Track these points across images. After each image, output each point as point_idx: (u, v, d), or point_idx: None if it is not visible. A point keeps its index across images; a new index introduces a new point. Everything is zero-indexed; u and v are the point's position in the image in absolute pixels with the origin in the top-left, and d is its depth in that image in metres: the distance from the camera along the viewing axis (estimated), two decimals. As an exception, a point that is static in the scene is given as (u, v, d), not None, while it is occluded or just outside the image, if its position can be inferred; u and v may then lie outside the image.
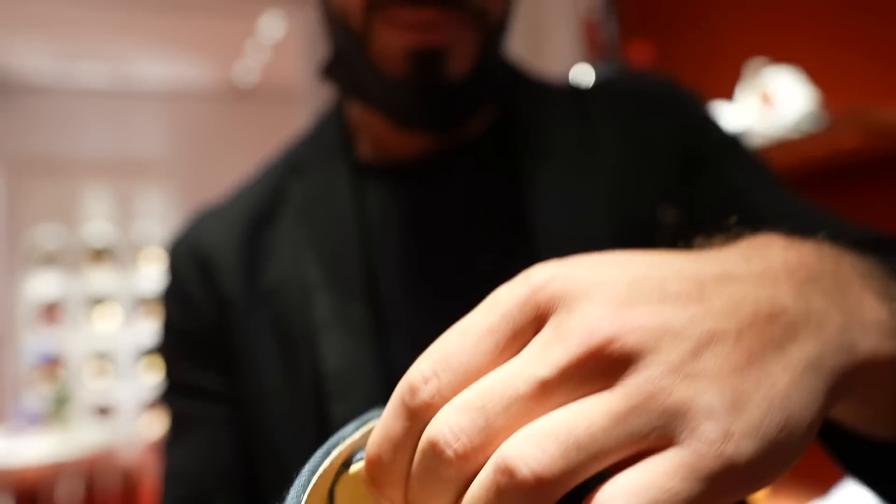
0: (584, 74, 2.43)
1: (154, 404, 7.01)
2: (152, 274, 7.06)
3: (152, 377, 6.98)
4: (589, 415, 0.24)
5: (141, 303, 7.13)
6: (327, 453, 0.39)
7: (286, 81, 7.01)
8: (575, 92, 0.84)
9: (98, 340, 7.04)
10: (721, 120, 0.80)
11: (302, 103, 5.71)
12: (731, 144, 0.78)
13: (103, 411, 6.93)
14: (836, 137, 1.63)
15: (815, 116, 1.74)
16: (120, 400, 6.99)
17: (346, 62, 0.72)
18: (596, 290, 0.26)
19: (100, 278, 7.06)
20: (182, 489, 0.76)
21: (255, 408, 0.73)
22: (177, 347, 0.79)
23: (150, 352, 7.08)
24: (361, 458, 0.39)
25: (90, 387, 6.87)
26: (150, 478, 6.93)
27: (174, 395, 0.79)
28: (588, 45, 2.74)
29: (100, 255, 7.10)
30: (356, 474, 0.41)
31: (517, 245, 0.72)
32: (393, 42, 0.65)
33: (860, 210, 1.83)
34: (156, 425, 6.96)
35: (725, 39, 2.30)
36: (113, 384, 7.00)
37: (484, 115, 0.77)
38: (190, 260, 0.77)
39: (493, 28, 0.69)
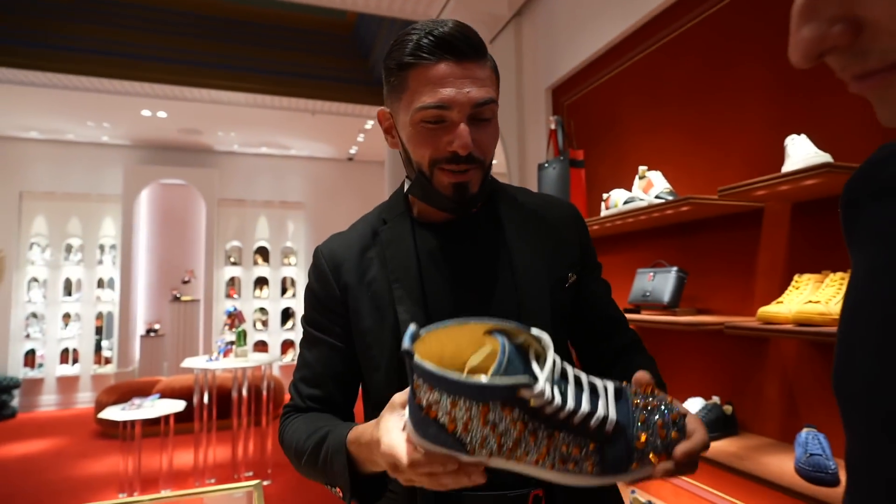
0: (548, 165, 2.61)
1: (287, 345, 7.28)
2: (291, 268, 7.33)
3: (287, 329, 7.25)
4: None
5: (284, 284, 7.38)
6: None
7: (375, 155, 7.26)
8: (522, 192, 0.92)
9: (260, 304, 7.27)
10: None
11: (383, 168, 6.03)
12: (596, 258, 0.92)
13: (261, 345, 7.18)
14: (679, 206, 1.75)
15: (670, 195, 1.86)
16: (270, 340, 7.25)
17: (420, 186, 0.79)
18: None
19: (261, 269, 7.27)
20: (306, 371, 0.84)
21: (361, 340, 0.81)
22: (314, 302, 0.85)
23: (288, 313, 7.34)
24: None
25: (255, 332, 7.16)
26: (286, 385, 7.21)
27: (310, 325, 0.86)
28: (551, 147, 2.85)
29: (262, 255, 7.37)
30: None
31: (499, 271, 0.81)
32: (444, 179, 0.75)
33: (688, 243, 2.02)
34: (288, 356, 7.20)
35: (627, 153, 2.39)
36: (267, 331, 7.26)
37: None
38: (329, 259, 0.84)
39: (488, 168, 0.79)
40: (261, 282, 7.29)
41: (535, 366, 0.52)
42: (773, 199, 1.60)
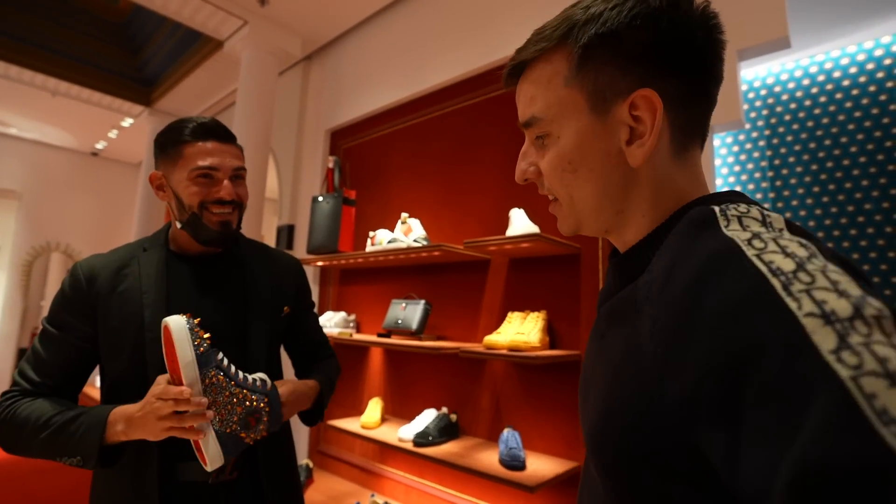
0: (322, 199, 2.60)
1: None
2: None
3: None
4: None
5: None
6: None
7: (129, 156, 6.13)
8: (260, 244, 1.14)
9: None
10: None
11: (137, 170, 5.02)
12: (310, 298, 1.20)
13: None
14: (432, 251, 1.92)
15: (425, 241, 2.03)
16: None
17: (192, 223, 0.96)
18: None
19: None
20: (39, 361, 0.91)
21: (108, 334, 0.92)
22: (64, 305, 0.93)
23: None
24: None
25: None
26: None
27: (51, 324, 0.93)
28: (327, 183, 2.87)
29: None
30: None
31: (234, 297, 1.02)
32: (213, 218, 0.96)
33: (433, 281, 2.26)
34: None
35: (392, 199, 2.53)
36: None
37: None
38: (86, 272, 0.94)
39: (243, 209, 1.01)
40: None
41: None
42: (498, 254, 1.92)
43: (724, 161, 2.17)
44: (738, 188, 2.09)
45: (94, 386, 5.69)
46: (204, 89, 3.96)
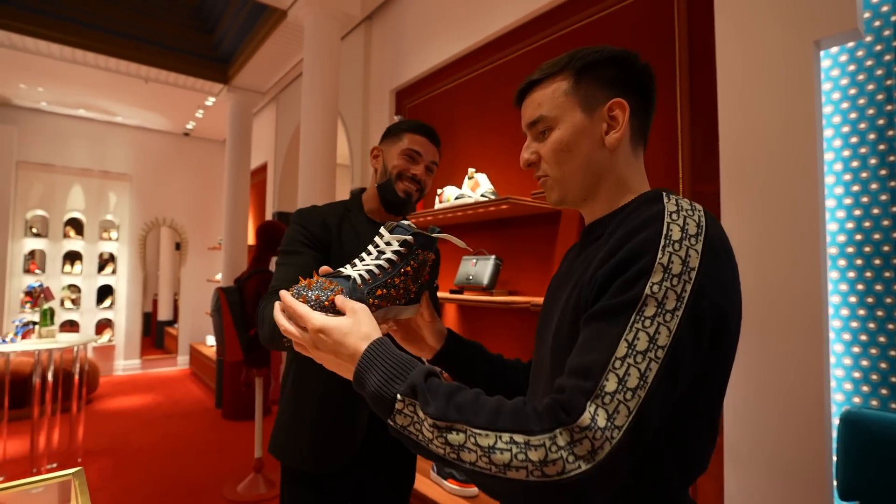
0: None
1: (103, 325, 6.18)
2: (111, 243, 6.21)
3: (104, 308, 6.15)
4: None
5: (102, 260, 6.19)
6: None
7: (215, 133, 6.51)
8: None
9: (69, 281, 5.94)
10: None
11: (223, 147, 5.12)
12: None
13: (70, 325, 5.88)
14: (500, 204, 1.87)
15: (493, 195, 1.98)
16: (83, 320, 5.98)
17: (388, 185, 1.21)
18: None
19: (73, 243, 5.94)
20: (286, 273, 1.10)
21: (341, 255, 1.16)
22: (300, 230, 1.16)
23: (106, 291, 6.22)
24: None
25: (63, 311, 5.86)
26: (102, 368, 6.10)
27: (289, 245, 1.15)
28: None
29: (74, 227, 6.04)
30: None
31: None
32: (402, 186, 1.21)
33: (504, 235, 2.20)
34: (105, 337, 6.13)
35: (458, 155, 2.47)
36: (78, 310, 6.00)
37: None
38: (318, 214, 1.20)
39: (421, 195, 1.24)
40: (72, 256, 6.01)
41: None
42: (569, 204, 1.82)
43: (836, 84, 1.87)
44: (852, 115, 1.80)
45: (205, 344, 6.37)
46: (274, 62, 4.07)
